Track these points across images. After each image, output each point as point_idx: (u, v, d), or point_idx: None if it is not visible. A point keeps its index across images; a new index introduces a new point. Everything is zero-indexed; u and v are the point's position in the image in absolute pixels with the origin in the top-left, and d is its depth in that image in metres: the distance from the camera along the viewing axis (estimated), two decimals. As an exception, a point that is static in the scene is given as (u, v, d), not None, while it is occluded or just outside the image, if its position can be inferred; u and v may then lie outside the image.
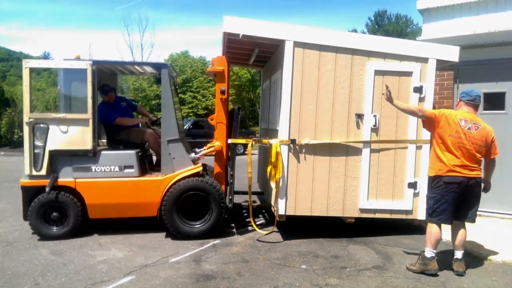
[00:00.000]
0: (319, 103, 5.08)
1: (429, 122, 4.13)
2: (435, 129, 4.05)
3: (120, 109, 5.89)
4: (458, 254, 4.10)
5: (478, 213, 6.12)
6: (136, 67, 6.15)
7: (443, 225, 4.10)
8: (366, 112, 5.12)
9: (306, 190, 5.11)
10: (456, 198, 3.97)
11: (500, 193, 6.05)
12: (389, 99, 4.27)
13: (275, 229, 5.46)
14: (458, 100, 4.21)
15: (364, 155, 5.14)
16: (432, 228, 4.06)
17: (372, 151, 5.16)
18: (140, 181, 5.17)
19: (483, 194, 4.23)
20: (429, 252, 4.01)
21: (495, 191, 6.05)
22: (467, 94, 4.12)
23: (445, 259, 4.46)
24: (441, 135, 4.01)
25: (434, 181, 4.08)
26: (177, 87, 6.67)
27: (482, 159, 4.09)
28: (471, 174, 3.93)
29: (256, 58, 6.66)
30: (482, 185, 4.15)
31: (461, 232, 4.11)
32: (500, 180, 6.04)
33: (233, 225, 5.80)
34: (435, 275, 3.95)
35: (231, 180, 5.37)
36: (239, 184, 6.28)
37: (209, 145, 5.46)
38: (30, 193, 5.02)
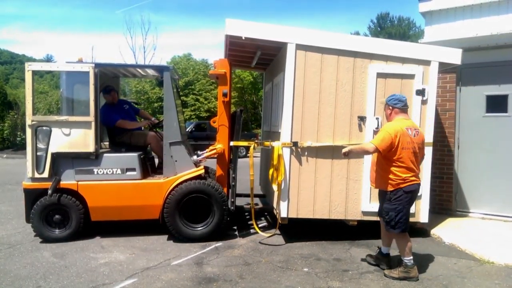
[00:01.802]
0: (321, 105, 5.08)
1: (388, 148, 3.89)
2: (395, 149, 3.88)
3: (122, 111, 5.91)
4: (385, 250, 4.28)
5: (480, 216, 6.18)
6: (139, 70, 6.18)
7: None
8: (369, 114, 5.11)
9: (308, 192, 5.10)
10: (411, 205, 4.07)
11: (503, 195, 6.04)
12: (347, 154, 4.15)
13: (277, 231, 5.45)
14: (391, 107, 4.06)
15: (367, 158, 5.13)
16: (402, 239, 4.02)
17: (374, 153, 5.13)
18: (142, 184, 5.18)
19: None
20: (408, 261, 3.97)
21: (497, 194, 6.07)
22: (400, 101, 4.03)
23: (446, 262, 4.45)
24: (396, 151, 3.87)
25: (393, 193, 3.96)
26: (179, 90, 6.68)
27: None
28: (419, 180, 4.04)
29: (258, 61, 6.67)
30: None
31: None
32: (503, 183, 6.03)
33: (235, 227, 5.79)
34: (417, 279, 3.94)
35: (233, 183, 5.36)
36: (241, 187, 6.28)
37: (211, 147, 5.46)
38: (32, 196, 5.04)
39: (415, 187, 3.95)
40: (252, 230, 5.59)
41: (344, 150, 4.13)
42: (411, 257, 3.98)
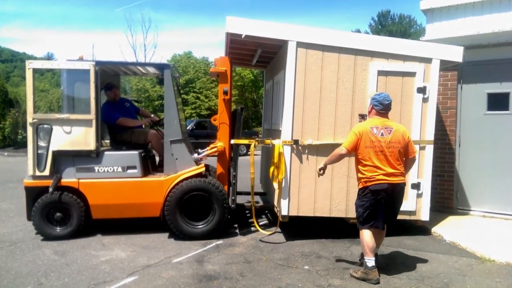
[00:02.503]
0: (322, 103, 5.07)
1: (354, 148, 3.96)
2: (358, 148, 3.95)
3: (123, 109, 5.91)
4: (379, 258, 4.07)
5: (481, 214, 6.17)
6: (139, 67, 6.17)
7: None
8: (369, 112, 5.10)
9: (308, 190, 5.10)
10: (385, 204, 3.88)
11: (504, 193, 6.03)
12: (321, 171, 4.23)
13: (278, 229, 5.46)
14: (371, 106, 4.06)
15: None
16: (363, 235, 3.95)
17: (375, 151, 5.13)
18: (143, 182, 5.18)
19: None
20: (368, 261, 3.87)
21: (498, 192, 6.06)
22: (380, 103, 3.96)
23: (448, 260, 4.45)
24: (359, 150, 3.92)
25: (361, 190, 3.99)
26: (179, 88, 6.68)
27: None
28: (395, 180, 3.85)
29: (259, 59, 6.66)
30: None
31: (383, 236, 4.13)
32: (504, 181, 6.03)
33: (236, 225, 5.80)
34: (378, 283, 3.81)
35: (233, 181, 5.37)
36: (241, 185, 6.29)
37: (211, 145, 5.46)
38: (33, 194, 5.04)
39: (382, 186, 3.82)
40: (252, 228, 5.59)
41: (318, 167, 4.23)
42: (372, 259, 3.86)
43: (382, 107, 3.98)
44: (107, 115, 5.62)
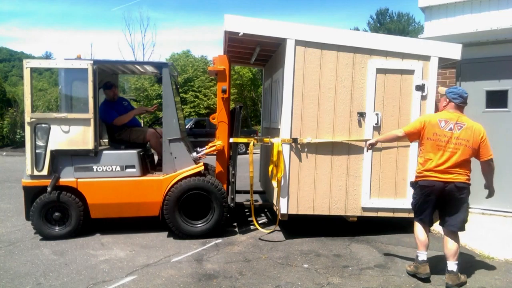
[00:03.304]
0: (321, 101, 5.07)
1: (415, 135, 3.92)
2: (421, 139, 3.89)
3: (121, 108, 5.89)
4: (448, 265, 3.72)
5: (480, 211, 6.16)
6: (137, 66, 6.15)
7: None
8: (368, 110, 5.10)
9: (308, 189, 5.09)
10: (434, 202, 3.80)
11: (503, 191, 6.03)
12: (370, 146, 4.22)
13: (277, 228, 5.46)
14: (447, 100, 3.89)
15: (366, 154, 5.12)
16: (414, 228, 3.95)
17: (374, 149, 5.13)
18: (141, 181, 5.17)
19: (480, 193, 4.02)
20: (419, 255, 3.86)
21: (497, 189, 6.05)
22: (460, 96, 3.84)
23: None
24: (421, 141, 3.87)
25: (413, 184, 3.99)
26: (178, 87, 6.67)
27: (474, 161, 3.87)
28: (448, 178, 3.69)
29: (258, 57, 6.64)
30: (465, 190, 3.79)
31: (448, 240, 3.76)
32: (503, 178, 6.03)
33: (235, 224, 5.79)
34: (426, 279, 3.79)
35: (232, 179, 5.36)
36: (241, 183, 6.29)
37: (210, 144, 5.45)
38: (32, 193, 5.03)
39: (430, 183, 3.72)
40: (252, 227, 5.59)
41: (369, 142, 4.20)
42: (423, 252, 3.84)
43: (462, 100, 3.82)
44: (105, 114, 5.61)
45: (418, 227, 3.93)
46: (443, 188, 3.70)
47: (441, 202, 3.79)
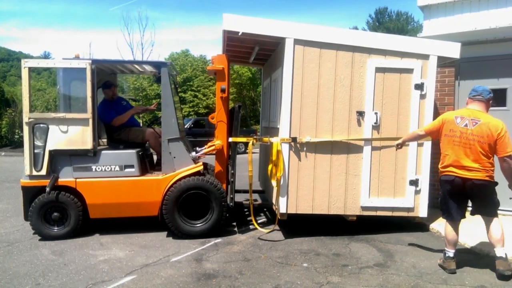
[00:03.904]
0: (320, 101, 5.06)
1: (435, 133, 4.08)
2: (440, 135, 4.02)
3: (120, 107, 5.88)
4: (496, 252, 3.79)
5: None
6: (136, 66, 6.14)
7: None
8: (367, 109, 5.10)
9: (307, 188, 5.09)
10: (458, 196, 3.90)
11: (502, 189, 6.02)
12: (399, 146, 4.54)
13: (277, 227, 5.45)
14: (468, 97, 4.09)
15: (365, 153, 5.13)
16: (445, 228, 4.05)
17: (373, 148, 5.14)
18: (140, 181, 5.16)
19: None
20: (446, 252, 4.00)
21: (497, 187, 6.05)
22: (473, 90, 4.03)
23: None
24: (440, 138, 3.99)
25: (439, 181, 4.11)
26: (177, 86, 6.65)
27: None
28: (467, 175, 3.76)
29: (257, 56, 6.64)
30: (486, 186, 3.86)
31: (491, 227, 3.86)
32: (501, 177, 6.02)
33: (234, 223, 5.79)
34: (453, 273, 3.93)
35: (232, 179, 5.35)
36: (240, 183, 6.28)
37: (209, 144, 5.45)
38: (30, 193, 5.02)
39: (449, 178, 3.84)
40: (251, 226, 5.58)
41: (396, 143, 4.51)
42: (450, 250, 3.96)
43: (475, 93, 3.96)
44: (103, 113, 5.60)
45: (447, 226, 4.02)
46: (463, 184, 3.80)
47: (463, 196, 3.92)
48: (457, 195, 3.91)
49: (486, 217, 3.95)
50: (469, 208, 4.10)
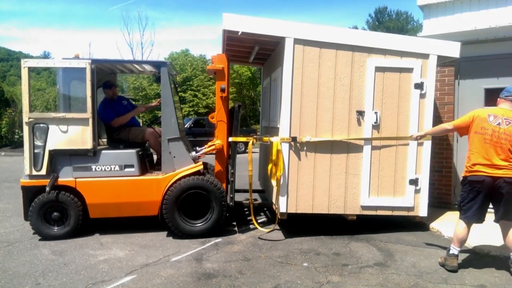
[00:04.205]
0: (320, 100, 5.06)
1: (464, 129, 4.04)
2: (469, 132, 3.99)
3: (121, 106, 5.88)
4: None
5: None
6: (136, 65, 6.14)
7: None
8: (367, 109, 5.10)
9: (307, 187, 5.09)
10: (483, 198, 3.86)
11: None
12: (419, 138, 4.58)
13: (277, 227, 5.45)
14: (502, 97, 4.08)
15: (365, 152, 5.13)
16: (457, 225, 4.02)
17: (373, 148, 5.14)
18: (140, 180, 5.16)
19: None
20: (451, 249, 4.00)
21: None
22: (505, 91, 4.03)
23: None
24: (469, 135, 3.96)
25: (463, 180, 4.05)
26: (177, 86, 6.65)
27: None
28: (497, 173, 3.75)
29: (256, 56, 6.63)
30: None
31: (510, 233, 3.87)
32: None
33: (234, 223, 5.79)
34: (454, 271, 3.94)
35: (232, 179, 5.35)
36: (240, 182, 6.28)
37: (209, 143, 5.45)
38: (30, 193, 5.01)
39: (479, 178, 3.79)
40: (251, 226, 5.58)
41: (418, 134, 4.54)
42: (456, 248, 3.96)
43: (507, 94, 3.97)
44: (103, 113, 5.60)
45: (460, 224, 4.01)
46: (493, 183, 3.77)
47: (492, 197, 3.86)
48: (484, 197, 3.86)
49: (507, 222, 3.91)
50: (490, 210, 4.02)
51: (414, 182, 5.17)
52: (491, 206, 5.97)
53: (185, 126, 16.84)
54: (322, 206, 5.13)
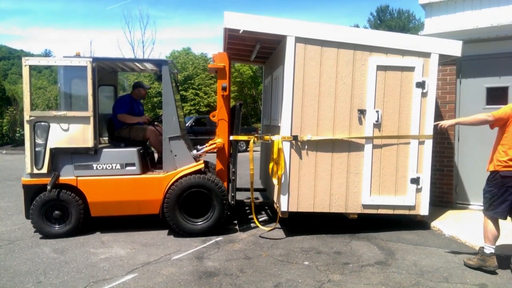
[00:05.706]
0: (321, 99, 5.05)
1: (502, 121, 3.92)
2: (505, 126, 3.89)
3: (137, 109, 6.01)
4: None
5: (481, 208, 6.11)
6: (137, 64, 6.14)
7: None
8: (368, 107, 5.09)
9: (308, 186, 5.09)
10: None
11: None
12: (451, 125, 4.23)
13: (278, 225, 5.45)
14: None
15: (367, 151, 5.12)
16: (488, 223, 3.97)
17: (374, 146, 5.13)
18: (141, 179, 5.16)
19: None
20: (488, 248, 3.93)
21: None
22: None
23: (447, 254, 4.45)
24: (507, 128, 3.86)
25: (491, 175, 3.96)
26: (178, 84, 6.65)
27: None
28: None
29: (258, 54, 6.62)
30: None
31: None
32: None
33: (235, 222, 5.79)
34: (494, 272, 3.88)
35: (233, 177, 5.35)
36: (241, 181, 6.28)
37: (211, 142, 5.45)
38: (31, 192, 5.02)
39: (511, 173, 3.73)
40: (252, 224, 5.59)
41: (449, 123, 4.12)
42: (492, 246, 3.89)
43: None
44: (119, 104, 5.73)
45: (487, 222, 3.95)
46: None
47: None
48: None
49: None
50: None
51: (415, 181, 5.17)
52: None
53: (186, 125, 16.85)
54: (323, 205, 5.13)
